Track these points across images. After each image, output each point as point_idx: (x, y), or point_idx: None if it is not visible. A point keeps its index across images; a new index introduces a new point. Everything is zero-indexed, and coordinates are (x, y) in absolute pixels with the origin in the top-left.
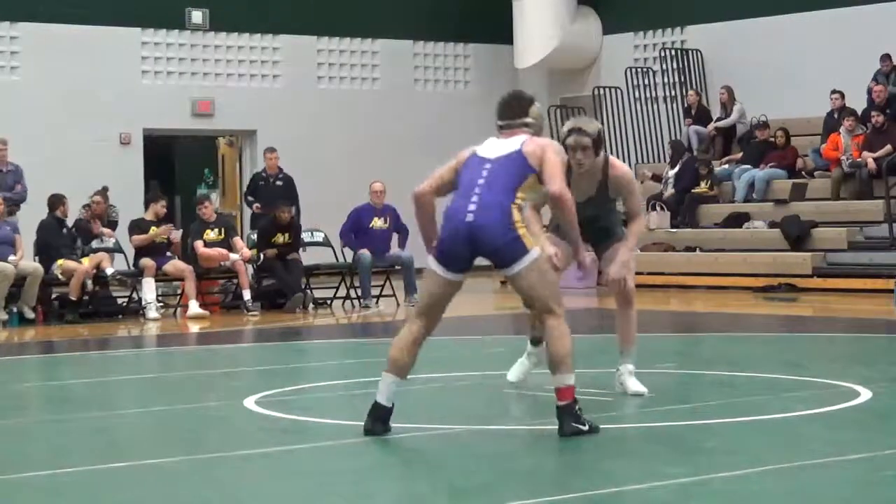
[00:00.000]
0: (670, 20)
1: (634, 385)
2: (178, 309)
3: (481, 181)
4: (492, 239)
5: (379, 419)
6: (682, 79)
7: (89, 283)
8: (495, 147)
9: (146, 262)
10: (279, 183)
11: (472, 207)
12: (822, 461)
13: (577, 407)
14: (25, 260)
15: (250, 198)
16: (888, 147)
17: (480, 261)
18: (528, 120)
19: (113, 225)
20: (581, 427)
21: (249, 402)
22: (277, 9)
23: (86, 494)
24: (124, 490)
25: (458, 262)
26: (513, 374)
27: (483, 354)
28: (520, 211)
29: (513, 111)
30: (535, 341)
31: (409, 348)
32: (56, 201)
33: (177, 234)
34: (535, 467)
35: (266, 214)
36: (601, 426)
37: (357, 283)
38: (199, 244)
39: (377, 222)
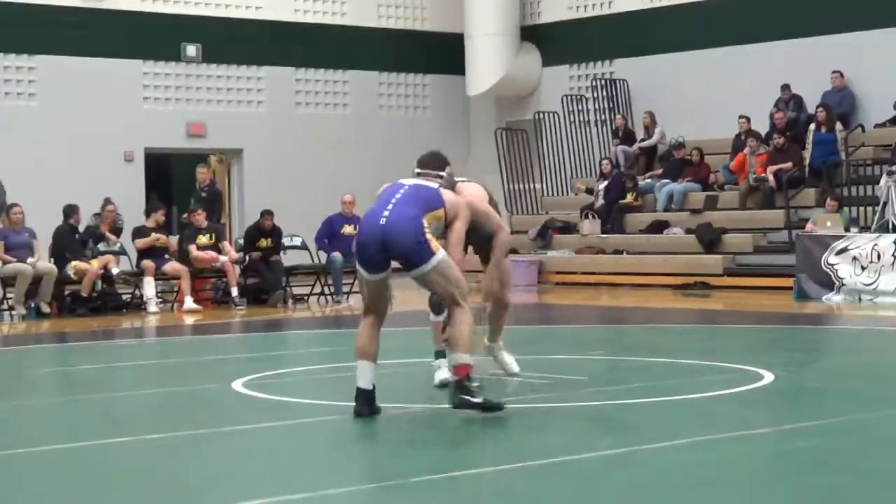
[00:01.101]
0: (601, 54)
1: (512, 364)
2: (175, 304)
3: (399, 196)
4: (402, 240)
5: (366, 402)
6: (611, 105)
7: (98, 281)
8: (413, 180)
9: (147, 263)
10: (203, 195)
11: (386, 213)
12: (732, 435)
13: (468, 382)
14: (41, 262)
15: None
16: (789, 164)
17: None
18: (443, 174)
19: (118, 231)
20: (471, 399)
21: (237, 385)
22: (261, 43)
23: (93, 465)
24: (127, 461)
25: (372, 262)
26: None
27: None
28: (428, 227)
29: (433, 165)
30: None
31: (370, 336)
32: (70, 210)
33: (173, 241)
34: (478, 441)
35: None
36: (540, 405)
37: (330, 282)
38: (192, 248)
39: (347, 229)
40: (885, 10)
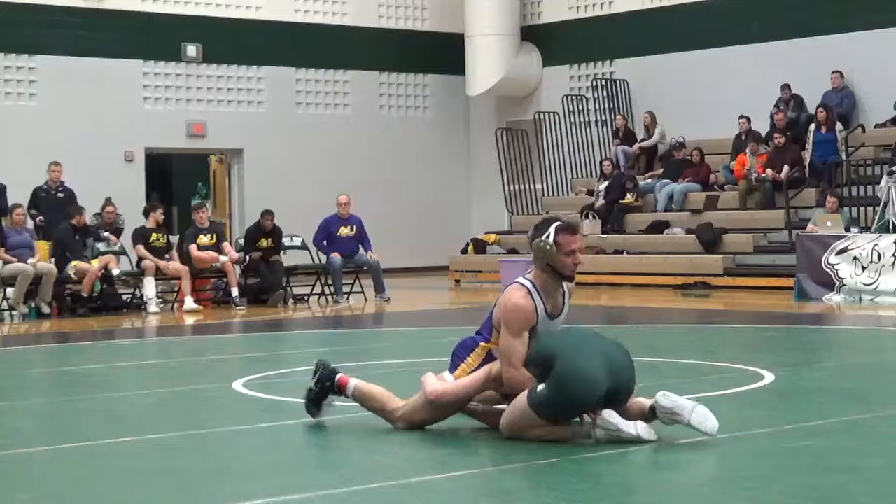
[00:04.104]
0: (601, 54)
1: None
2: (176, 304)
3: None
4: None
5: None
6: (611, 105)
7: (98, 283)
8: None
9: (147, 263)
10: (60, 195)
11: None
12: (732, 435)
13: None
14: (42, 262)
15: (33, 211)
16: (791, 163)
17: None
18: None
19: (118, 231)
20: None
21: (237, 385)
22: (261, 43)
23: (93, 465)
24: (127, 461)
25: None
26: None
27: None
28: None
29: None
30: None
31: None
32: (73, 211)
33: (172, 240)
34: (479, 441)
35: (47, 225)
36: None
37: (330, 282)
38: (193, 248)
39: (344, 230)
40: (885, 10)
